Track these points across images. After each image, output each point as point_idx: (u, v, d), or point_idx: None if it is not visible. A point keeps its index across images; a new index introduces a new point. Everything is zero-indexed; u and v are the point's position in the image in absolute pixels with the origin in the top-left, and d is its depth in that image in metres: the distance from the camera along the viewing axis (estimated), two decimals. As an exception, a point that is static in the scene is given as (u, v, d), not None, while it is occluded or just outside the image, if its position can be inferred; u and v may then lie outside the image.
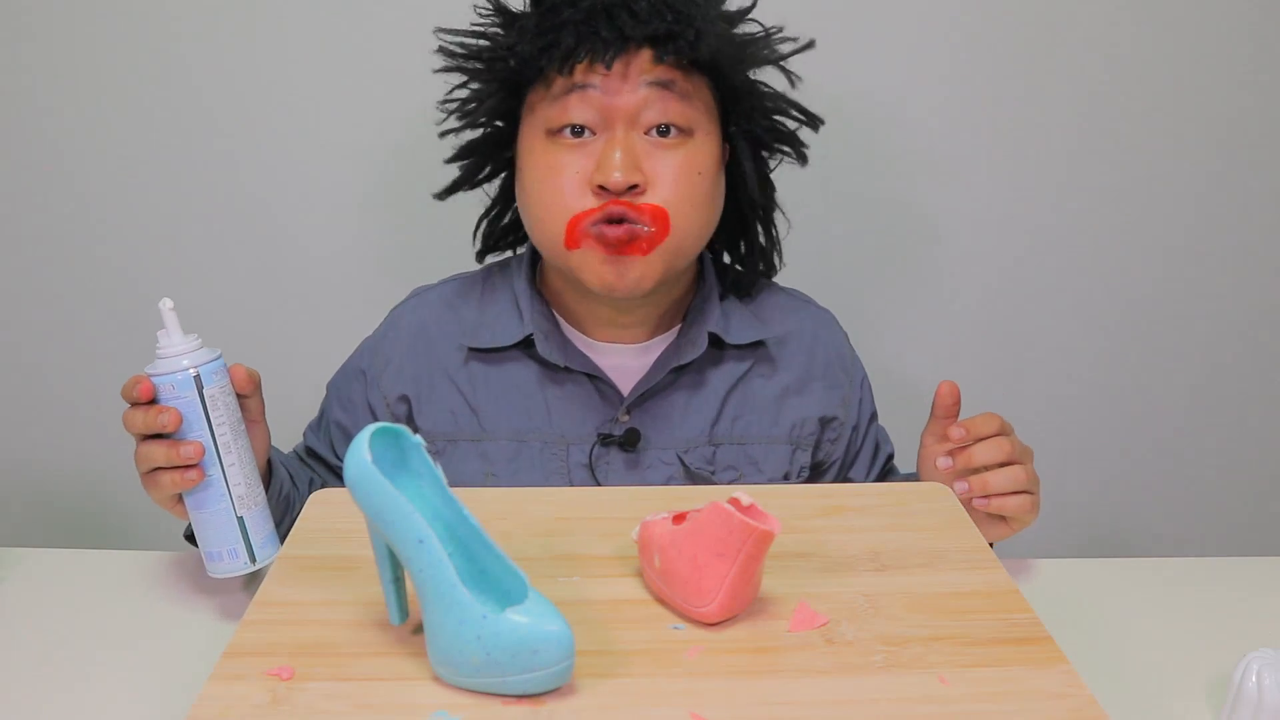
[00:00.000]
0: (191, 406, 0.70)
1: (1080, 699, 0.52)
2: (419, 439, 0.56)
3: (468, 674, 0.50)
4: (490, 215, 1.00)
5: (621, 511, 0.70)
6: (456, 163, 0.95)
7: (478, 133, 0.92)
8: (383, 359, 0.96)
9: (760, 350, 0.95)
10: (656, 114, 0.83)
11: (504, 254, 1.01)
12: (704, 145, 0.86)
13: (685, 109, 0.84)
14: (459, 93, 0.92)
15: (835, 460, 0.98)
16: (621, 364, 0.93)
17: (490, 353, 0.94)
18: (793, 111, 0.92)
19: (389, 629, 0.56)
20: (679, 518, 0.61)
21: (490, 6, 0.89)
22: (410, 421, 0.95)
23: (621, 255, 0.83)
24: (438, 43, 0.90)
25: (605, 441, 0.91)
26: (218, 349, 0.73)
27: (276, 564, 0.63)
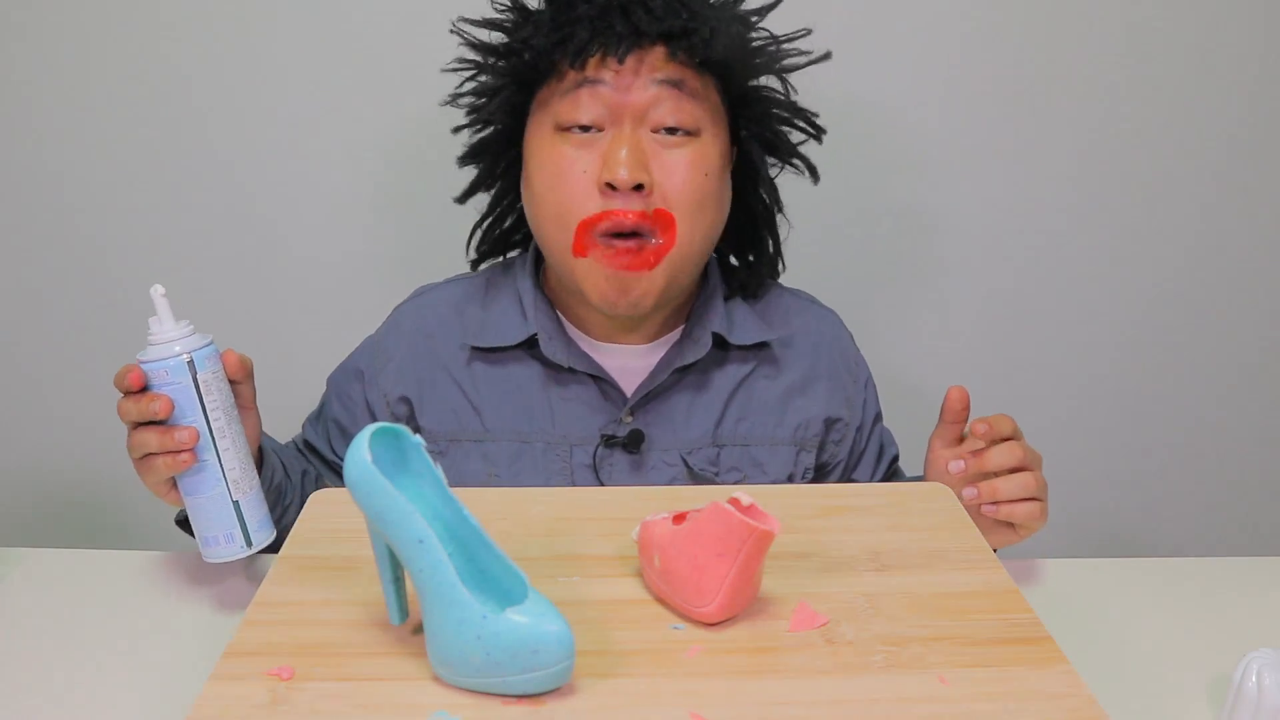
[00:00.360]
0: (185, 392, 0.70)
1: (1080, 699, 0.52)
2: (419, 439, 0.56)
3: (468, 674, 0.50)
4: (487, 221, 0.99)
5: (622, 512, 0.69)
6: (470, 163, 0.94)
7: (487, 131, 0.92)
8: (383, 358, 0.96)
9: (765, 351, 0.95)
10: (665, 113, 0.83)
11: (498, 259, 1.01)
12: (711, 146, 0.85)
13: (694, 109, 0.84)
14: (467, 88, 0.92)
15: (839, 461, 0.98)
16: (625, 364, 0.93)
17: (494, 352, 0.93)
18: (798, 121, 0.92)
19: (389, 629, 0.56)
20: (679, 518, 0.61)
21: (507, 2, 0.89)
22: (411, 421, 0.95)
23: (628, 271, 0.83)
24: (454, 34, 0.89)
25: (609, 443, 0.91)
26: (209, 335, 0.73)
27: (276, 564, 0.63)
